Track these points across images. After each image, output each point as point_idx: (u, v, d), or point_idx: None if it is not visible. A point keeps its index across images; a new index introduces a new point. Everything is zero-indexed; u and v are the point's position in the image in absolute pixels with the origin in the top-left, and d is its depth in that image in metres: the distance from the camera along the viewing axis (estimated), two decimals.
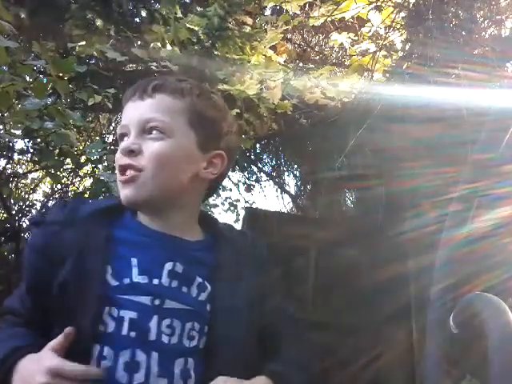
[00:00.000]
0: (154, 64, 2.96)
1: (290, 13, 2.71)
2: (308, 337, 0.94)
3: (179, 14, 3.07)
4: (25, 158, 4.50)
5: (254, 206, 4.23)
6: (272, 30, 2.91)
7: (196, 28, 3.00)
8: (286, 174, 4.86)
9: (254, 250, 0.95)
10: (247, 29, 3.20)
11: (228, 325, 0.82)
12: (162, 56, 2.84)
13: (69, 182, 5.10)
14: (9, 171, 4.37)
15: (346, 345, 2.90)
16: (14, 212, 4.21)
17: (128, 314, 0.77)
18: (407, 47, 2.57)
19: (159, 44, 2.89)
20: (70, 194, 5.11)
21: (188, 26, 2.99)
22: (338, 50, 4.06)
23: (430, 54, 2.10)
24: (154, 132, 0.82)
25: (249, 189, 5.88)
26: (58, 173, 2.98)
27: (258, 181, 5.99)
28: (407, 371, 2.85)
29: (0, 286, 3.39)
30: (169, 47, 2.93)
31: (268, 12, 3.92)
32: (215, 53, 3.07)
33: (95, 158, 2.60)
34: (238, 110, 2.77)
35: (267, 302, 0.90)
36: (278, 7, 3.23)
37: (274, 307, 0.91)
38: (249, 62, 3.00)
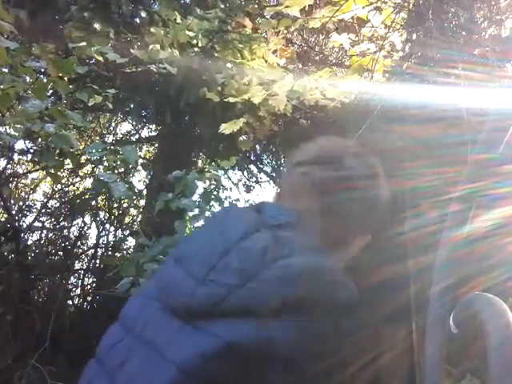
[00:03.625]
0: (154, 66, 2.96)
1: (290, 14, 2.71)
2: None
3: (178, 20, 3.07)
4: (25, 158, 4.50)
5: None
6: (272, 32, 2.91)
7: (195, 32, 2.99)
8: None
9: None
10: (247, 31, 3.19)
11: None
12: (161, 58, 2.83)
13: (69, 182, 5.10)
14: (9, 171, 4.38)
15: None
16: (14, 212, 4.21)
17: None
18: (407, 47, 2.57)
19: (158, 46, 2.89)
20: (69, 194, 5.11)
21: (188, 29, 2.98)
22: (338, 50, 4.06)
23: (430, 54, 2.10)
24: None
25: (248, 190, 5.88)
26: (58, 173, 2.98)
27: (257, 182, 5.99)
28: (407, 371, 2.85)
29: (0, 286, 3.38)
30: (168, 50, 2.92)
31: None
32: (215, 55, 3.07)
33: (95, 158, 2.60)
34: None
35: None
36: None
37: None
38: (248, 65, 2.99)
